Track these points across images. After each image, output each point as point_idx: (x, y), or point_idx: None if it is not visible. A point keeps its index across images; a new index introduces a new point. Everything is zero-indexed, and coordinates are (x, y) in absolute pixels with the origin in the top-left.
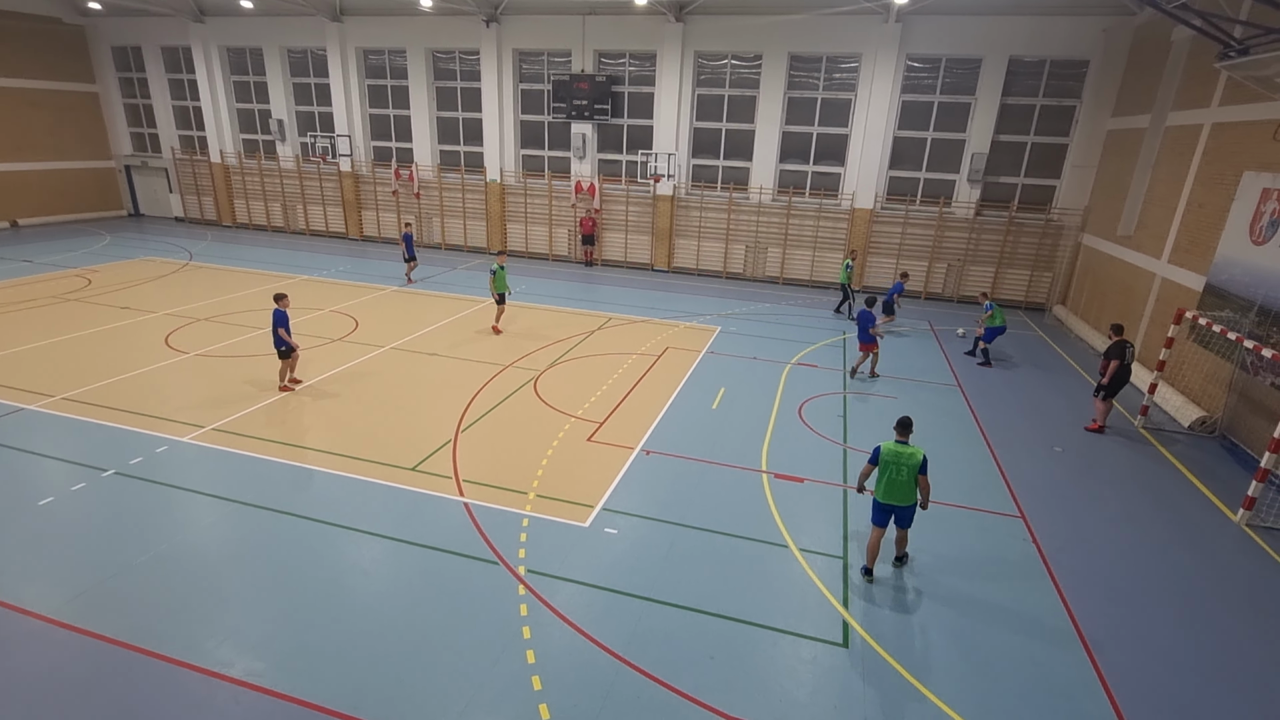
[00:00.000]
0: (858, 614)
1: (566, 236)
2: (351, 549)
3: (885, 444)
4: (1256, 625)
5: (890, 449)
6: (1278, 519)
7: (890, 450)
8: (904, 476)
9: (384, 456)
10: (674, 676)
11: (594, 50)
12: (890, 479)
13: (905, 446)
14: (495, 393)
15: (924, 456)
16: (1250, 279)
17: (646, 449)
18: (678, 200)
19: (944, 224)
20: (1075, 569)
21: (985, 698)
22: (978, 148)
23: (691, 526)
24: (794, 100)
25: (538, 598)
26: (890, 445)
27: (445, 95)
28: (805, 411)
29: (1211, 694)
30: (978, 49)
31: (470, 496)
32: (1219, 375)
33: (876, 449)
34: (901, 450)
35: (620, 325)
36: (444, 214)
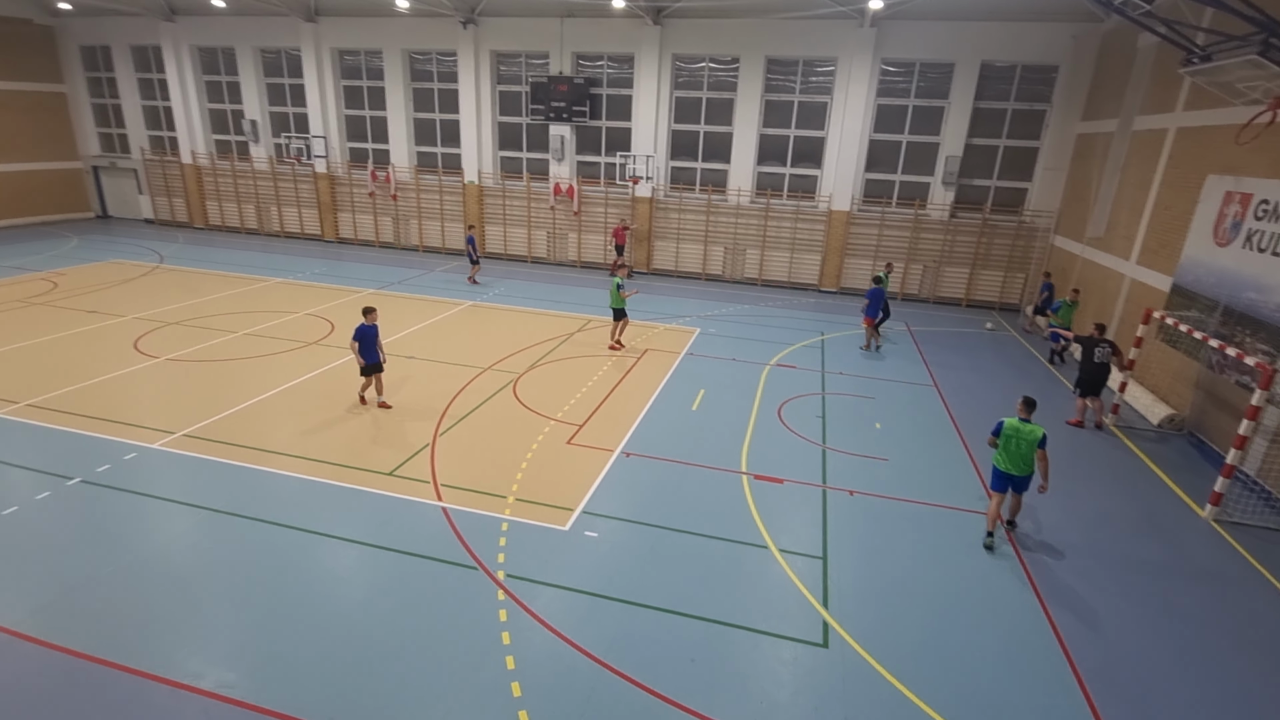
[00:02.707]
0: (838, 614)
1: (545, 239)
2: (327, 556)
3: (1008, 420)
4: (1224, 618)
5: (1012, 424)
6: (1244, 514)
7: (1012, 426)
8: (1024, 450)
9: (360, 461)
10: (655, 680)
11: (572, 52)
12: (1011, 451)
13: (1026, 424)
14: (474, 396)
15: (1044, 434)
16: (1215, 279)
17: (627, 451)
18: (656, 202)
19: (919, 226)
20: (1049, 565)
21: (962, 694)
22: (951, 150)
23: (672, 529)
24: (771, 103)
25: (517, 603)
26: (1012, 421)
27: (422, 96)
28: (784, 412)
29: (1180, 684)
30: (951, 54)
31: (449, 501)
32: (1186, 374)
33: (999, 424)
34: (1022, 426)
35: (600, 327)
36: (421, 216)
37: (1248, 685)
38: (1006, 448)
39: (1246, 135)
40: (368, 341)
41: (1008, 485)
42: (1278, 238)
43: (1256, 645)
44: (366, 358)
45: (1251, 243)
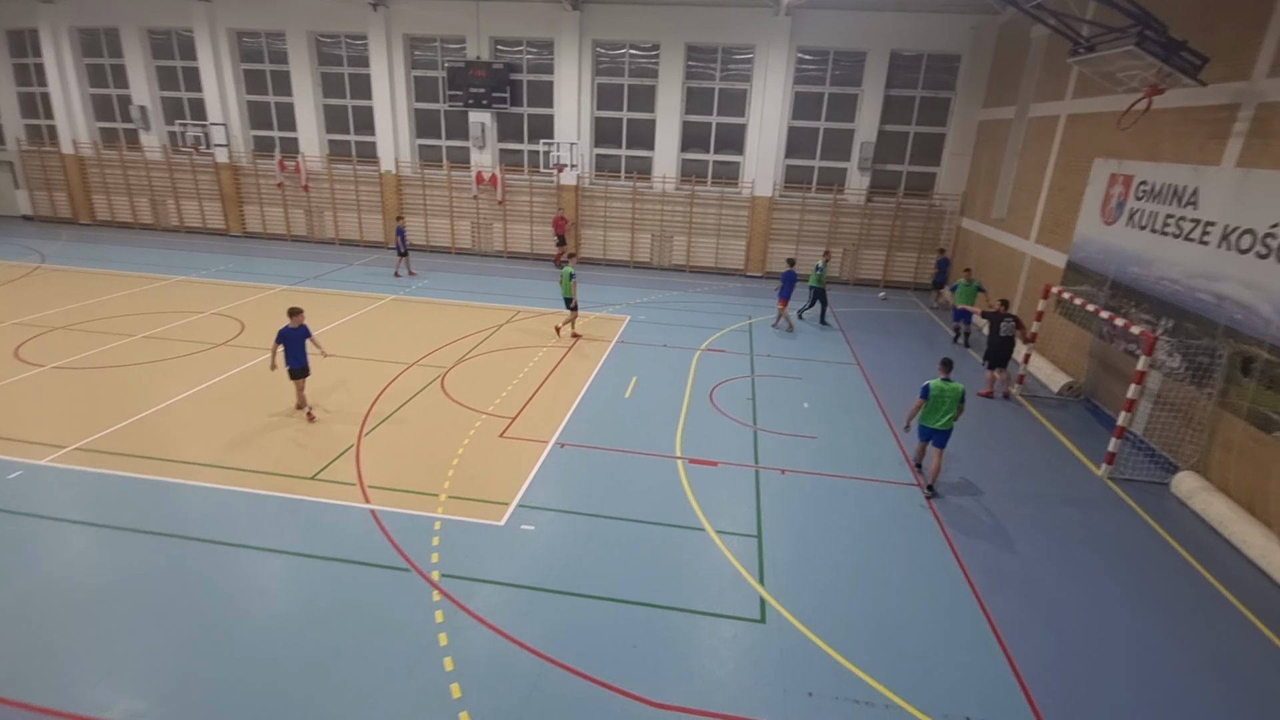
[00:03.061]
0: (774, 590)
1: (470, 229)
2: (246, 569)
3: (933, 381)
4: (1121, 566)
5: (937, 385)
6: (1134, 472)
7: (937, 386)
8: (948, 405)
9: (278, 467)
10: (598, 669)
11: (490, 37)
12: (937, 408)
13: (949, 382)
14: (399, 393)
15: (964, 390)
16: (1104, 256)
17: (561, 442)
18: (582, 190)
19: (838, 210)
20: (967, 529)
21: (893, 657)
22: (865, 137)
23: (609, 517)
24: (693, 90)
25: (453, 602)
26: (937, 382)
27: (332, 82)
28: (716, 396)
29: (1086, 628)
30: (862, 43)
31: (377, 503)
32: (1081, 344)
33: (926, 386)
34: (945, 385)
35: (529, 318)
36: (336, 207)
37: (1151, 639)
38: (935, 406)
39: (1127, 121)
40: (292, 344)
41: (930, 438)
42: (1156, 216)
43: (1160, 601)
44: (292, 361)
45: (1134, 221)
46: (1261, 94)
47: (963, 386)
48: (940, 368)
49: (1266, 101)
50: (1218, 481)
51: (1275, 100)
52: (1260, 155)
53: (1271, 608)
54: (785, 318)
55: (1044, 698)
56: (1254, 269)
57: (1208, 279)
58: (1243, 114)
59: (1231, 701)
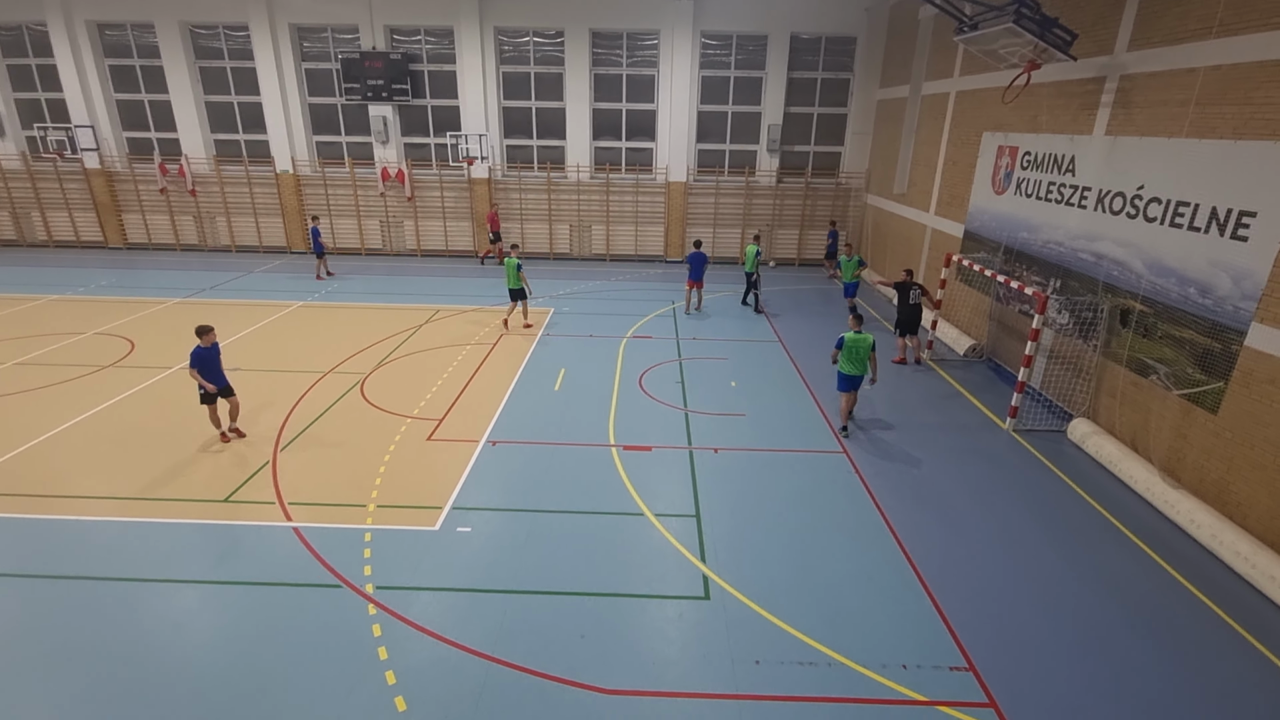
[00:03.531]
0: (715, 566)
1: (379, 228)
2: (158, 604)
3: (847, 334)
4: (1028, 509)
5: (851, 337)
6: (1035, 423)
7: (851, 338)
8: (861, 354)
9: (186, 492)
10: (547, 663)
11: (384, 26)
12: (852, 357)
13: (860, 334)
14: (316, 403)
15: (874, 339)
16: (996, 224)
17: (492, 440)
18: (495, 183)
19: (751, 192)
20: (890, 488)
21: (833, 617)
22: (772, 119)
23: (547, 510)
24: (600, 77)
25: (391, 614)
26: (850, 334)
27: (213, 77)
28: (645, 382)
29: (1000, 567)
30: (763, 26)
31: (300, 520)
32: (981, 308)
33: (841, 338)
34: (858, 337)
35: (449, 316)
36: (230, 212)
37: (1057, 571)
38: (849, 356)
39: (1010, 95)
40: (209, 365)
41: (846, 385)
42: (1040, 184)
43: (1063, 537)
44: (211, 382)
45: (1021, 189)
46: (1123, 66)
47: (872, 337)
48: (852, 320)
49: (1128, 74)
50: (1106, 425)
51: (1135, 72)
52: (1125, 124)
53: (1157, 534)
54: (691, 299)
55: (968, 636)
56: (1126, 229)
57: (1088, 240)
58: (1109, 86)
59: (1127, 620)
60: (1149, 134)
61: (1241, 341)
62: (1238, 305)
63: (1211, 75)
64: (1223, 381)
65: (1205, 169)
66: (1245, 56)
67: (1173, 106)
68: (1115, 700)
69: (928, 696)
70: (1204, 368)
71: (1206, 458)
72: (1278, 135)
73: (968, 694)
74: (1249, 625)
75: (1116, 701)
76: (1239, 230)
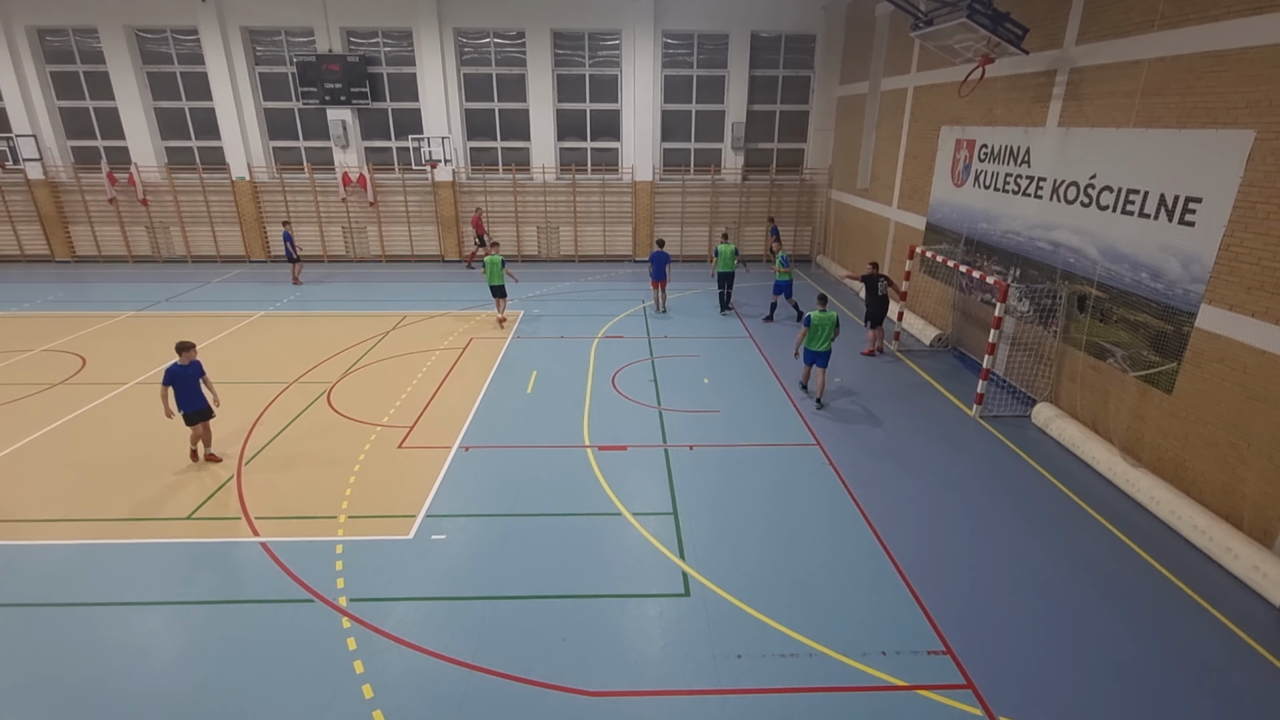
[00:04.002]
0: (694, 563)
1: (341, 234)
2: (118, 629)
3: (814, 313)
4: (996, 492)
5: (818, 316)
6: (1000, 409)
7: (818, 316)
8: (827, 330)
9: (146, 511)
10: (528, 669)
11: (340, 28)
12: (819, 334)
13: (825, 312)
14: (281, 414)
15: (837, 316)
16: (957, 215)
17: (465, 445)
18: (459, 186)
19: (717, 190)
20: (863, 479)
21: (812, 608)
22: (736, 117)
23: (524, 514)
24: (563, 78)
25: (366, 626)
26: (817, 313)
27: (162, 82)
28: (619, 381)
29: (972, 551)
30: (723, 25)
31: (267, 534)
32: (945, 298)
33: (808, 316)
34: (823, 315)
35: (416, 322)
36: (184, 221)
37: (1026, 553)
38: (816, 333)
39: (966, 89)
40: (185, 385)
41: (815, 360)
42: (997, 175)
43: (1031, 517)
44: (186, 405)
45: (979, 181)
46: (1073, 60)
47: (836, 314)
48: (818, 301)
49: (1077, 66)
50: (1068, 408)
51: (1084, 65)
52: (1076, 115)
53: (1119, 513)
54: (659, 299)
55: (945, 620)
56: (1080, 217)
57: (1044, 229)
58: (1059, 78)
59: (1095, 596)
60: (1099, 124)
61: (1192, 323)
62: (1188, 288)
63: (1156, 67)
64: (1176, 362)
65: (1153, 157)
66: (1186, 48)
67: (1120, 97)
68: (1086, 672)
69: (907, 681)
70: (1158, 350)
71: (1163, 437)
72: (1219, 124)
73: (946, 677)
74: (1207, 595)
75: (1087, 673)
76: (1186, 216)
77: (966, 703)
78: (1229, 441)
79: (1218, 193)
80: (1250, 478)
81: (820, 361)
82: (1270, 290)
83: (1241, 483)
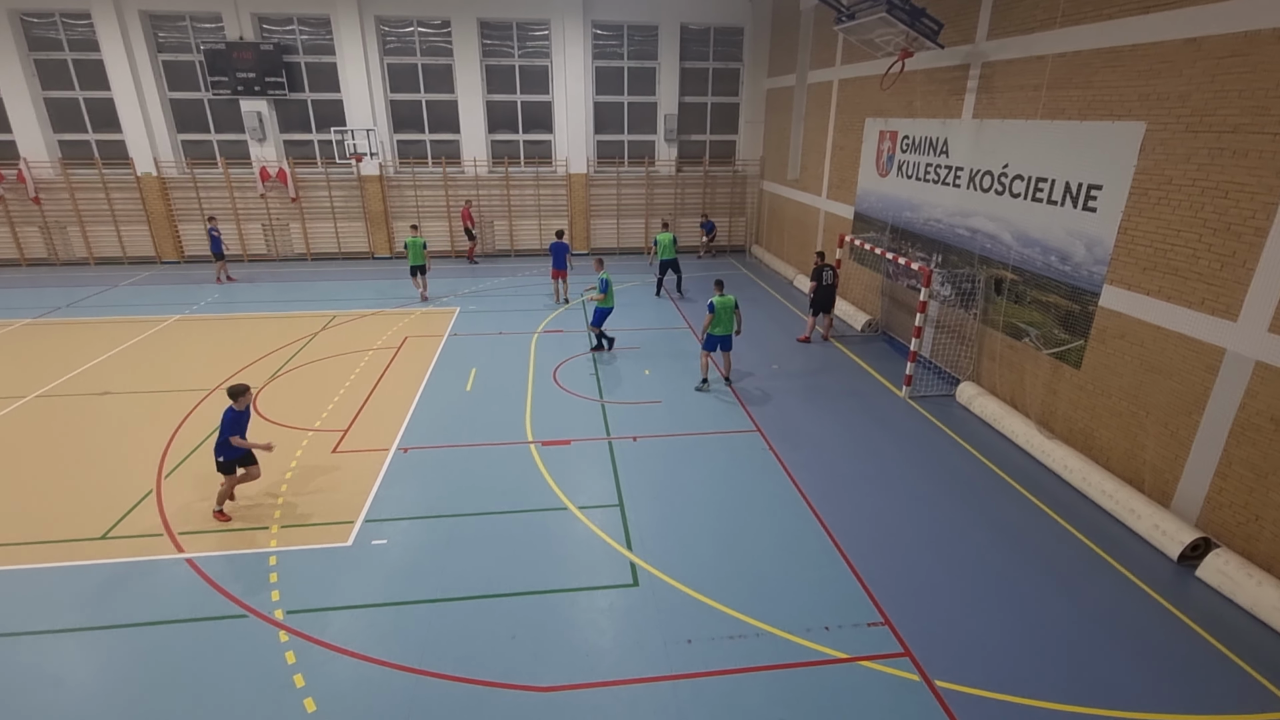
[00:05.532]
0: (641, 552)
1: (261, 232)
2: (28, 660)
3: (715, 299)
4: (924, 467)
5: (720, 301)
6: (927, 389)
7: (720, 301)
8: (728, 316)
9: (55, 533)
10: (479, 669)
11: (251, 14)
12: (723, 319)
13: (725, 297)
14: (203, 423)
15: (735, 299)
16: (882, 204)
17: (404, 446)
18: (387, 180)
19: (652, 182)
20: (803, 461)
21: (757, 588)
22: (668, 109)
23: (467, 514)
24: (492, 68)
25: (305, 638)
26: (718, 299)
27: (51, 70)
28: (560, 376)
29: (903, 522)
30: (653, 16)
31: (193, 550)
32: (874, 285)
33: (711, 303)
34: (724, 299)
35: (347, 322)
36: (84, 221)
37: (954, 522)
38: (720, 318)
39: (887, 82)
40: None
41: (718, 345)
42: (919, 165)
43: (957, 490)
44: (229, 452)
45: (903, 171)
46: (984, 55)
47: (734, 298)
48: (715, 287)
49: (989, 61)
50: (988, 386)
51: (994, 59)
52: (988, 107)
53: (1037, 482)
54: (559, 290)
55: (882, 593)
56: (995, 205)
57: (963, 216)
58: (973, 72)
59: (1017, 560)
60: (1009, 116)
61: (1097, 302)
62: (1092, 270)
63: (1059, 62)
64: (1083, 339)
65: (1058, 147)
66: (1085, 45)
67: (1028, 91)
68: (1012, 632)
69: (850, 653)
70: (1067, 328)
71: (1074, 409)
72: (1114, 116)
73: (885, 646)
74: (1115, 553)
75: (1013, 633)
76: (1089, 202)
77: (905, 670)
78: (1130, 411)
79: (1115, 180)
80: (1150, 444)
81: (724, 345)
82: (1162, 270)
83: (1142, 449)
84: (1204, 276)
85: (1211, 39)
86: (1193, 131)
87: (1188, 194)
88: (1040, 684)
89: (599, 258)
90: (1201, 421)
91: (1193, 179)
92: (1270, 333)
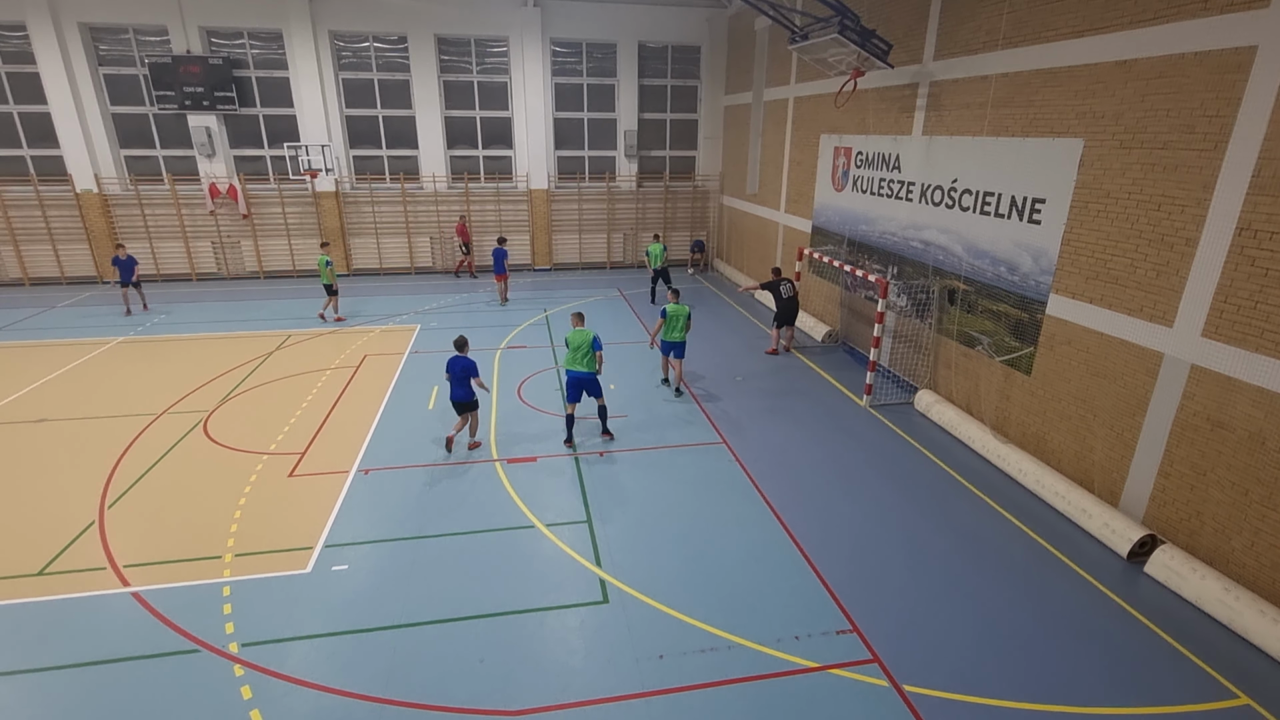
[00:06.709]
0: (610, 568)
1: (211, 250)
2: None
3: (668, 306)
4: (885, 473)
5: (671, 308)
6: (886, 398)
7: (671, 309)
8: (681, 322)
9: None
10: (445, 696)
11: (200, 27)
12: (674, 326)
13: (677, 305)
14: (149, 449)
15: (690, 309)
16: (839, 218)
17: (364, 468)
18: (344, 196)
19: (613, 198)
20: (768, 472)
21: (727, 601)
22: (628, 125)
23: (432, 535)
24: (450, 84)
25: (262, 671)
26: (670, 306)
27: None
28: (524, 392)
29: (868, 529)
30: (611, 34)
31: (140, 583)
32: (833, 297)
33: (664, 309)
34: (676, 308)
35: (303, 341)
36: (17, 240)
37: (915, 527)
38: (671, 324)
39: (840, 100)
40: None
41: (671, 350)
42: (873, 180)
43: (917, 495)
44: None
45: (858, 186)
46: (932, 74)
47: (689, 308)
48: (670, 295)
49: (936, 80)
50: (945, 394)
51: (941, 79)
52: (937, 124)
53: (993, 485)
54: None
55: (850, 600)
56: (945, 218)
57: (916, 229)
58: (922, 91)
59: (976, 562)
60: (957, 133)
61: (1044, 310)
62: (1039, 280)
63: (1002, 81)
64: (1033, 347)
65: (1004, 163)
66: (1026, 65)
67: (974, 109)
68: (974, 633)
69: (820, 662)
70: (1018, 336)
71: (1026, 414)
72: (1055, 133)
73: (855, 654)
74: (1068, 552)
75: (975, 634)
76: (1034, 215)
77: (875, 676)
78: (1079, 415)
79: (1058, 194)
80: (1098, 446)
81: (677, 352)
82: (1104, 279)
83: (1091, 451)
84: (1142, 285)
85: (1141, 61)
86: (1127, 148)
87: (1125, 207)
88: (1002, 683)
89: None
90: (1144, 423)
91: (1129, 193)
92: (1203, 337)
